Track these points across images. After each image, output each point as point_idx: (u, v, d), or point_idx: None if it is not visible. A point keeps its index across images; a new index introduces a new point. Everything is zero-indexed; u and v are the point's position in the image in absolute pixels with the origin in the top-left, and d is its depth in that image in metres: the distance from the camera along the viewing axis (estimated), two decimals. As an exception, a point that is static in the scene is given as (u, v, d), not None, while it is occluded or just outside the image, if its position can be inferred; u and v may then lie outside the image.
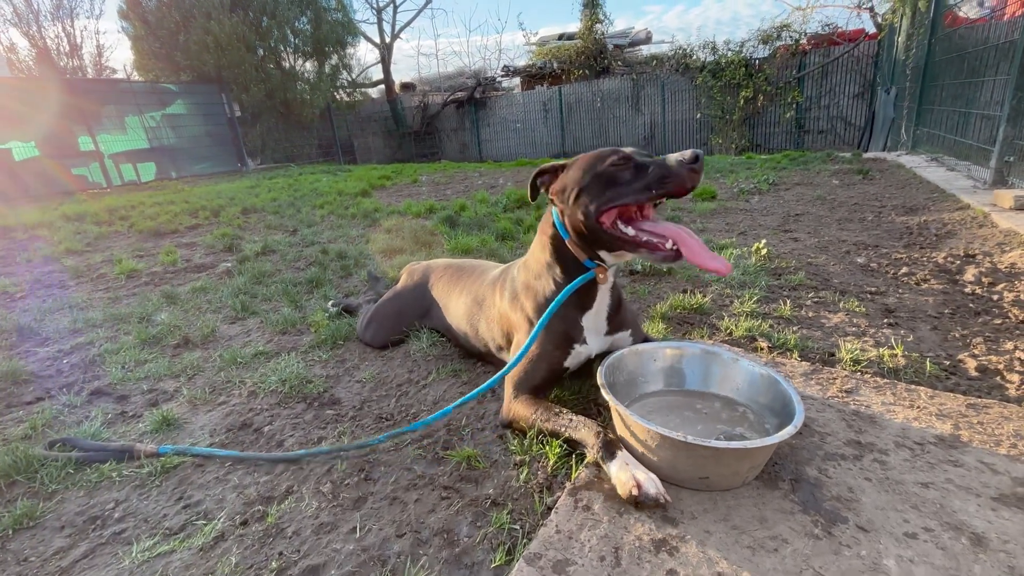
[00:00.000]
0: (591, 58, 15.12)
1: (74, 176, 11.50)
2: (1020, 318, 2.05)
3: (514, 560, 1.06)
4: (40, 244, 4.96)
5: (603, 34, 15.32)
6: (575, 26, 15.99)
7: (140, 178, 12.71)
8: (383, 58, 20.45)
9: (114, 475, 1.47)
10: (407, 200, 6.29)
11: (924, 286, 2.48)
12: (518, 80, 18.29)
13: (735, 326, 2.09)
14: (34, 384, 2.13)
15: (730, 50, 12.58)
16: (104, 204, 7.63)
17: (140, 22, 14.64)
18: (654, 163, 1.32)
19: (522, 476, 1.33)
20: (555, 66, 16.33)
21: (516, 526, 1.17)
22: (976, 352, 1.83)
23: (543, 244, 1.59)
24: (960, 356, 1.81)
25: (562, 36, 17.20)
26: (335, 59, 17.47)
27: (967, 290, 2.39)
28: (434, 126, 18.81)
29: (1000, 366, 1.72)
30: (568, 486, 1.24)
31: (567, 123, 15.65)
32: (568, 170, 1.48)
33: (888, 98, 8.98)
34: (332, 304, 2.71)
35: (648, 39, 16.42)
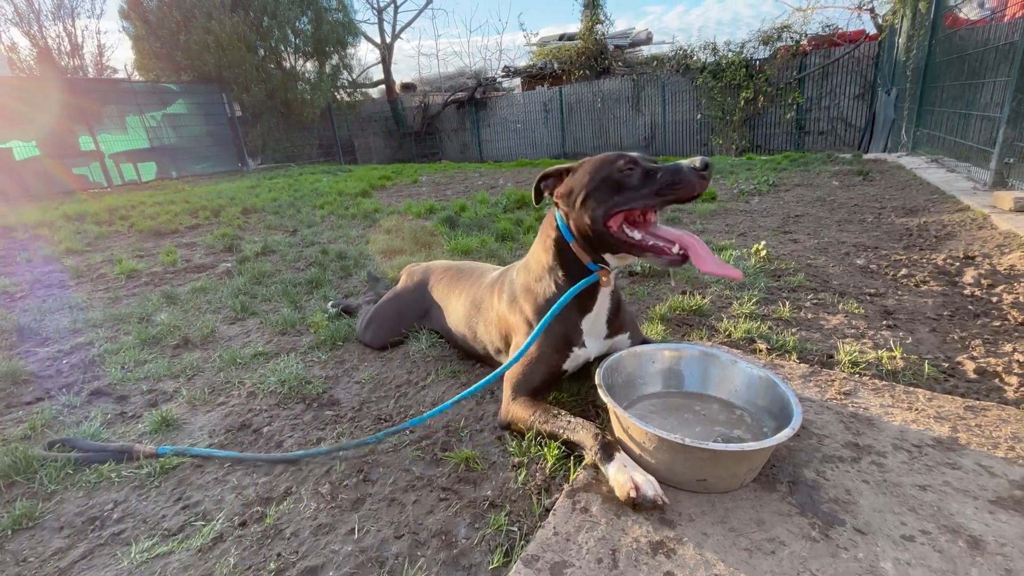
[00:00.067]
0: (592, 59, 15.12)
1: (75, 176, 11.52)
2: (1019, 320, 2.05)
3: (512, 562, 1.07)
4: (40, 244, 4.96)
5: (604, 35, 15.32)
6: (576, 27, 16.02)
7: (141, 178, 12.73)
8: (384, 58, 20.46)
9: (113, 476, 1.48)
10: (407, 200, 6.29)
11: (923, 288, 2.49)
12: (519, 80, 18.30)
13: (734, 328, 2.09)
14: (34, 384, 2.13)
15: (731, 51, 12.57)
16: (104, 204, 7.64)
17: (141, 22, 14.67)
18: (663, 169, 1.33)
19: (520, 478, 1.33)
20: (556, 67, 16.33)
21: (514, 528, 1.17)
22: (975, 354, 1.83)
23: (545, 246, 1.58)
24: (959, 358, 1.81)
25: (563, 37, 17.20)
26: (336, 59, 17.49)
27: (966, 292, 2.39)
28: (434, 126, 18.82)
29: (999, 368, 1.72)
30: (566, 488, 1.25)
31: (567, 124, 15.65)
32: (574, 173, 1.48)
33: (888, 99, 8.98)
34: (332, 305, 2.71)
35: (649, 40, 16.42)
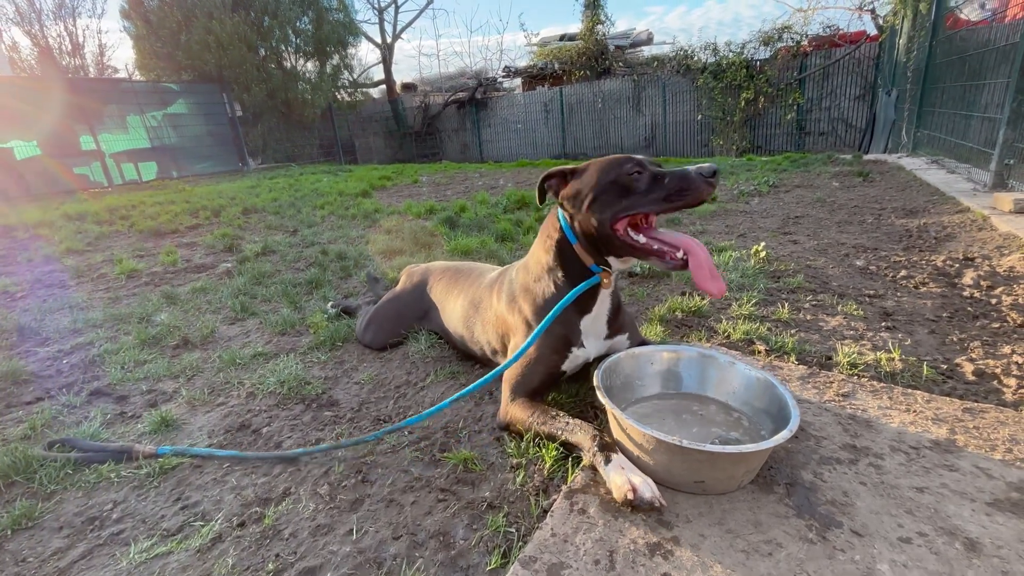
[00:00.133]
0: (592, 59, 15.11)
1: (75, 175, 11.54)
2: (1018, 322, 2.05)
3: (509, 563, 1.07)
4: (41, 243, 4.97)
5: (604, 35, 15.31)
6: (576, 27, 16.00)
7: (141, 177, 12.75)
8: (384, 58, 20.48)
9: (112, 476, 1.48)
10: (407, 201, 6.30)
11: (923, 289, 2.49)
12: (519, 81, 18.29)
13: (733, 329, 2.09)
14: (34, 384, 2.14)
15: (731, 51, 12.57)
16: (105, 203, 7.64)
17: (142, 21, 14.70)
18: (671, 174, 1.34)
19: (518, 479, 1.33)
20: (556, 67, 16.33)
21: (512, 529, 1.18)
22: (973, 356, 1.83)
23: (546, 247, 1.58)
24: (957, 360, 1.81)
25: (563, 37, 17.20)
26: (336, 59, 17.52)
27: (965, 294, 2.39)
28: (435, 126, 18.81)
29: (997, 370, 1.72)
30: (564, 489, 1.25)
31: (568, 124, 15.65)
32: (581, 175, 1.48)
33: (889, 100, 8.98)
34: (331, 305, 2.72)
35: (649, 40, 16.41)
